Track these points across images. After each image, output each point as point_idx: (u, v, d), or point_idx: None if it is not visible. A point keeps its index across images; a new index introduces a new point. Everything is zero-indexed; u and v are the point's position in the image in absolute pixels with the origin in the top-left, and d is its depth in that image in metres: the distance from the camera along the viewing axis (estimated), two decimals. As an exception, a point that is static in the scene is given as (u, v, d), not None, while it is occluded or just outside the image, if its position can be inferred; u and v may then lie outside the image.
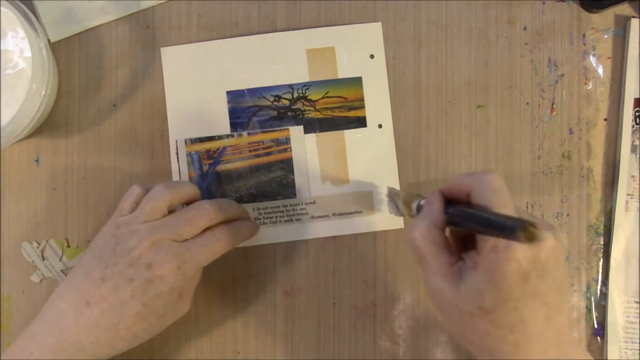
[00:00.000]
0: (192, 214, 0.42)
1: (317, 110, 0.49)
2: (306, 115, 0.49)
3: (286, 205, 0.49)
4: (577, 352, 0.37)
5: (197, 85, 0.49)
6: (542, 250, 0.33)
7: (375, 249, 0.49)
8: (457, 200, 0.37)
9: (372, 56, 0.49)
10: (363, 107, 0.49)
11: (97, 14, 0.48)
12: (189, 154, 0.49)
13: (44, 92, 0.44)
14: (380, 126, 0.49)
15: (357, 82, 0.49)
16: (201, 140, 0.49)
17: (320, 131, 0.49)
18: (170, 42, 0.49)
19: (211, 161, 0.49)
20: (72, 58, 0.49)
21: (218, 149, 0.49)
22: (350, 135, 0.49)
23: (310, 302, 0.49)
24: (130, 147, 0.49)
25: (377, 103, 0.49)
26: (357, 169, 0.49)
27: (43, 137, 0.49)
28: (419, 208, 0.41)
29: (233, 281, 0.49)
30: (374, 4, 0.49)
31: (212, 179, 0.49)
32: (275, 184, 0.49)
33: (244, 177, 0.49)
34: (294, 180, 0.49)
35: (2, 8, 0.43)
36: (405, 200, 0.44)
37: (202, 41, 0.49)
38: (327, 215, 0.49)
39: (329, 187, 0.49)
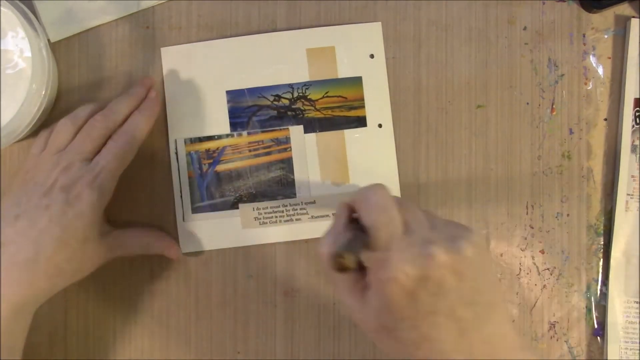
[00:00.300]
0: (88, 129, 0.43)
1: (317, 110, 0.49)
2: (306, 115, 0.49)
3: (286, 205, 0.49)
4: (515, 356, 0.34)
5: (197, 84, 0.49)
6: (430, 269, 0.31)
7: (375, 249, 0.49)
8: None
9: (372, 56, 0.49)
10: (363, 106, 0.49)
11: (97, 14, 0.48)
12: (189, 154, 0.49)
13: (44, 92, 0.44)
14: (380, 126, 0.49)
15: (357, 81, 0.49)
16: (201, 140, 0.49)
17: (320, 131, 0.49)
18: (170, 42, 0.49)
19: (211, 161, 0.49)
20: (72, 58, 0.49)
21: (217, 148, 0.49)
22: (350, 134, 0.49)
23: (310, 302, 0.49)
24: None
25: (377, 103, 0.49)
26: (357, 168, 0.49)
27: (43, 137, 0.49)
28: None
29: (233, 281, 0.49)
30: (374, 3, 0.49)
31: (212, 179, 0.49)
32: (275, 183, 0.49)
33: (244, 177, 0.49)
34: (293, 179, 0.49)
35: (2, 8, 0.43)
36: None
37: (202, 41, 0.49)
38: (327, 215, 0.49)
39: (329, 187, 0.49)
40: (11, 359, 0.39)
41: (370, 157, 0.49)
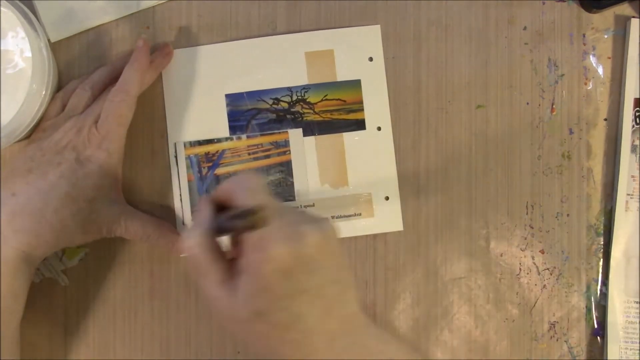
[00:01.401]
0: (104, 97, 0.44)
1: (316, 113, 0.49)
2: (305, 118, 0.49)
3: None
4: (368, 333, 0.36)
5: (196, 88, 0.49)
6: (305, 247, 0.33)
7: (375, 249, 0.49)
8: (226, 206, 0.36)
9: (370, 59, 0.49)
10: (362, 109, 0.49)
11: (97, 14, 0.48)
12: (188, 157, 0.49)
13: (44, 92, 0.44)
14: (379, 129, 0.49)
15: (356, 84, 0.49)
16: (200, 143, 0.49)
17: (319, 134, 0.49)
18: (170, 42, 0.49)
19: (210, 164, 0.49)
20: (72, 58, 0.49)
21: (217, 151, 0.49)
22: (349, 137, 0.49)
23: (310, 302, 0.49)
24: (130, 148, 0.48)
25: (376, 106, 0.49)
26: (356, 171, 0.49)
27: (43, 137, 0.49)
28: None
29: (233, 281, 0.49)
30: (374, 3, 0.49)
31: (211, 182, 0.48)
32: (274, 186, 0.49)
33: None
34: (293, 182, 0.49)
35: (2, 8, 0.43)
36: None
37: (202, 44, 0.49)
38: (327, 218, 0.49)
39: (328, 190, 0.49)
40: (14, 306, 0.41)
41: (369, 160, 0.49)
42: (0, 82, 0.44)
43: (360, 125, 0.49)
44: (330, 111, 0.49)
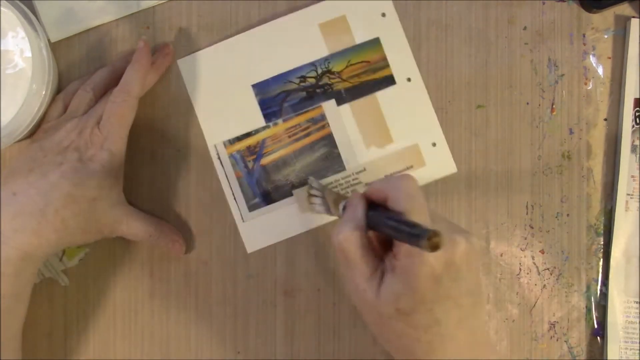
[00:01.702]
0: (106, 98, 0.44)
1: (345, 80, 0.49)
2: (335, 88, 0.49)
3: (338, 180, 0.49)
4: (490, 353, 0.38)
5: (221, 86, 0.49)
6: (455, 255, 0.34)
7: (375, 249, 0.49)
8: (377, 204, 0.38)
9: (383, 14, 0.49)
10: (387, 65, 0.49)
11: (97, 14, 0.48)
12: (231, 155, 0.49)
13: (44, 92, 0.44)
14: (409, 80, 0.49)
15: (375, 43, 0.49)
16: (239, 139, 0.49)
17: (352, 100, 0.49)
18: (171, 42, 0.49)
19: (254, 157, 0.49)
20: (72, 58, 0.49)
21: (257, 143, 0.49)
22: (383, 95, 0.49)
23: (310, 302, 0.49)
24: (130, 148, 0.48)
25: (400, 58, 0.49)
26: (398, 126, 0.49)
27: (43, 137, 0.49)
28: (345, 209, 0.41)
29: (233, 281, 0.49)
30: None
31: (260, 174, 0.49)
32: (322, 161, 0.49)
33: (290, 164, 0.49)
34: (339, 153, 0.49)
35: (2, 8, 0.43)
36: (334, 200, 0.44)
37: (202, 44, 0.49)
38: (381, 178, 0.49)
39: (375, 151, 0.49)
40: (16, 307, 0.41)
41: (407, 112, 0.49)
42: (0, 82, 0.44)
43: (389, 81, 0.49)
44: (358, 75, 0.49)
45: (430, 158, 0.49)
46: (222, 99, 0.49)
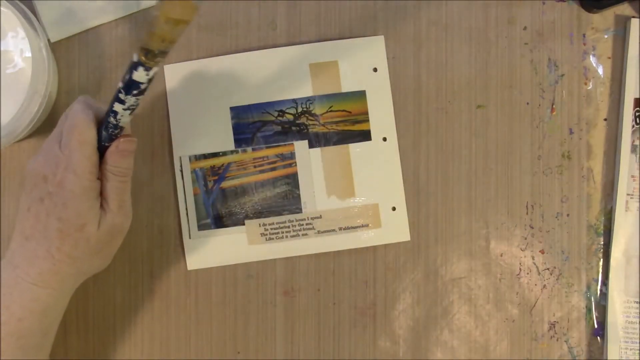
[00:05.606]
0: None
1: (322, 125, 0.49)
2: (311, 130, 0.49)
3: (292, 221, 0.48)
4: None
5: (201, 101, 0.48)
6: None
7: (375, 250, 0.49)
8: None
9: (375, 69, 0.49)
10: (367, 120, 0.49)
11: (97, 14, 0.48)
12: (194, 171, 0.48)
13: (44, 92, 0.44)
14: (384, 139, 0.49)
15: (360, 95, 0.49)
16: (205, 156, 0.48)
17: (325, 145, 0.49)
18: (170, 42, 0.49)
19: (216, 177, 0.48)
20: (72, 58, 0.49)
21: (222, 165, 0.49)
22: (355, 149, 0.49)
23: (310, 302, 0.49)
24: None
25: (381, 116, 0.49)
26: (363, 182, 0.49)
27: (43, 137, 0.49)
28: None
29: (233, 281, 0.49)
30: (374, 3, 0.49)
31: (217, 196, 0.48)
32: (280, 199, 0.49)
33: (249, 193, 0.49)
34: (299, 195, 0.49)
35: (2, 8, 0.43)
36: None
37: (202, 43, 0.49)
38: (334, 230, 0.49)
39: (335, 201, 0.49)
40: (44, 341, 0.41)
41: (375, 171, 0.49)
42: (0, 82, 0.44)
43: (366, 136, 0.49)
44: (336, 122, 0.49)
45: (387, 221, 0.49)
46: (198, 114, 0.48)
